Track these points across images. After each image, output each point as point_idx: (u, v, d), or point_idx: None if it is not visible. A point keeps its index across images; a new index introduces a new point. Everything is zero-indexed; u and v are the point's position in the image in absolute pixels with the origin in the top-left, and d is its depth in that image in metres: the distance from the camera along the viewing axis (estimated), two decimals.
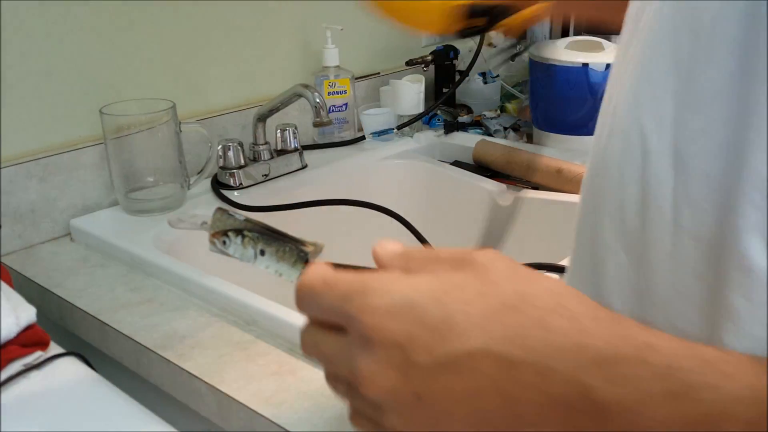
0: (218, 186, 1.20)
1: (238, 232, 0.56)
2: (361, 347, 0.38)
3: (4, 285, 0.75)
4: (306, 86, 1.11)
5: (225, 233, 0.58)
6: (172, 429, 0.66)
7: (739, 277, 0.37)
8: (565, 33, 2.01)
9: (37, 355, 0.71)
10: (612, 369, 0.33)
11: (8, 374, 0.67)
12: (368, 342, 0.38)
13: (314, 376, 0.76)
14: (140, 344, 0.83)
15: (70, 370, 0.71)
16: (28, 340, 0.70)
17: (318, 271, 0.42)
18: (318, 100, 1.08)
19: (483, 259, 0.39)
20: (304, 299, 0.42)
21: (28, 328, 0.71)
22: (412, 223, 1.07)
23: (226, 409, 0.75)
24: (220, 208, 0.59)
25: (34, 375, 0.69)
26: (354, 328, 0.38)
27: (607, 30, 1.62)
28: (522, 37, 1.89)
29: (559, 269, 0.91)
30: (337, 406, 0.71)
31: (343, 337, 0.39)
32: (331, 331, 0.41)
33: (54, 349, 0.75)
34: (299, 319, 0.81)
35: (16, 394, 0.67)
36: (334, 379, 0.42)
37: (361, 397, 0.39)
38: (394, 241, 0.43)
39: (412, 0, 0.61)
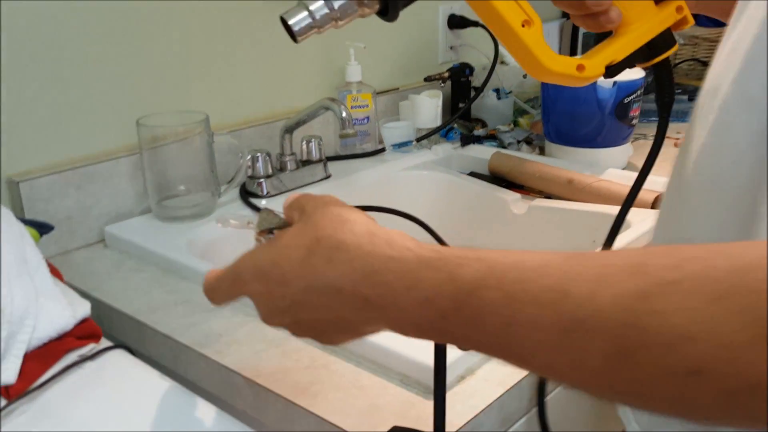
0: (246, 194, 1.25)
1: (282, 228, 0.61)
2: (255, 303, 0.58)
3: (59, 281, 0.80)
4: (333, 100, 1.16)
5: (270, 231, 0.63)
6: (224, 414, 0.71)
7: None
8: (573, 51, 2.06)
9: (90, 347, 0.76)
10: (371, 278, 0.49)
11: (66, 364, 0.72)
12: (255, 301, 0.58)
13: (346, 369, 0.81)
14: (179, 342, 0.88)
15: (120, 361, 0.76)
16: (83, 332, 0.74)
17: (214, 272, 0.62)
18: (344, 114, 1.14)
19: (310, 212, 0.56)
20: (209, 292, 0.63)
21: (83, 321, 0.75)
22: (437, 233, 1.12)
23: (263, 400, 0.79)
24: (265, 208, 0.64)
25: (89, 365, 0.74)
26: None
27: None
28: None
29: None
30: (369, 395, 0.76)
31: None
32: None
33: (103, 342, 0.80)
34: None
35: (72, 382, 0.72)
36: None
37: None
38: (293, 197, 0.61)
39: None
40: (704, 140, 0.57)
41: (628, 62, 0.69)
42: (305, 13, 0.61)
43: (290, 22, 0.61)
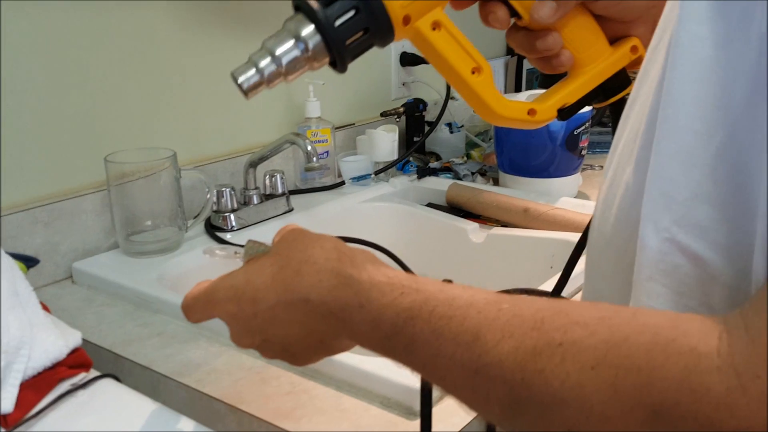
0: (212, 228, 1.27)
1: None
2: (228, 324, 0.61)
3: (48, 313, 0.81)
4: (297, 134, 1.20)
5: (258, 258, 0.66)
6: None
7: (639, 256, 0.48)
8: (518, 88, 2.14)
9: (82, 376, 0.77)
10: (334, 292, 0.53)
11: (59, 392, 0.73)
12: (227, 322, 0.61)
13: (327, 393, 0.83)
14: (158, 373, 0.89)
15: (111, 389, 0.78)
16: (74, 361, 0.76)
17: (193, 291, 0.64)
18: (309, 148, 1.17)
19: (286, 237, 0.60)
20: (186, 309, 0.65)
21: (75, 350, 0.77)
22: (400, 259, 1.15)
23: (247, 426, 0.81)
24: (250, 240, 0.67)
25: (81, 393, 0.75)
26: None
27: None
28: None
29: (524, 291, 1.00)
30: (352, 417, 0.79)
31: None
32: None
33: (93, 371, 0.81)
34: None
35: (66, 410, 0.74)
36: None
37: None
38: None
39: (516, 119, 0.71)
40: (603, 194, 0.58)
41: (582, 104, 0.72)
42: (253, 70, 0.64)
43: (239, 81, 0.64)
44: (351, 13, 0.61)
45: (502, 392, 0.43)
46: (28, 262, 0.90)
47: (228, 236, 1.25)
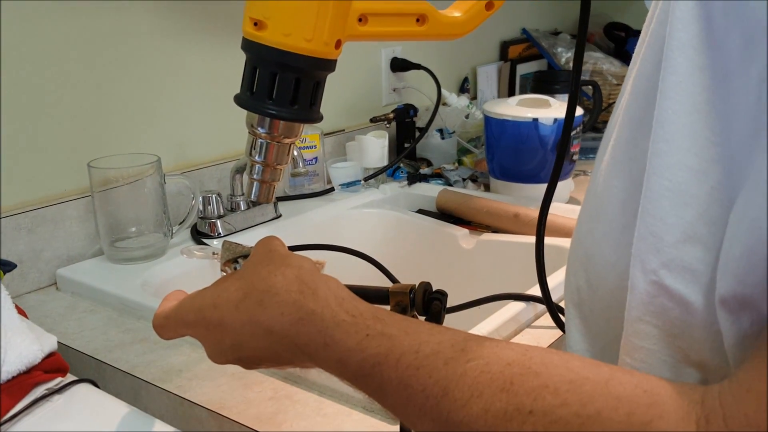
0: (198, 235, 1.26)
1: (247, 256, 0.63)
2: (201, 343, 0.61)
3: (24, 318, 0.80)
4: None
5: (235, 260, 0.65)
6: None
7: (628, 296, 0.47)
8: (511, 92, 2.13)
9: (57, 381, 0.76)
10: (296, 326, 0.53)
11: (34, 397, 0.72)
12: (201, 341, 0.61)
13: (309, 398, 0.82)
14: (140, 379, 0.88)
15: (87, 394, 0.77)
16: (50, 366, 0.75)
17: (164, 308, 0.64)
18: (295, 153, 1.16)
19: (254, 255, 0.60)
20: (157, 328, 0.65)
21: (50, 355, 0.76)
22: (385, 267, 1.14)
23: None
24: (226, 241, 0.66)
25: (56, 398, 0.74)
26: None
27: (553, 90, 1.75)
28: (473, 97, 2.01)
29: (516, 297, 1.02)
30: (334, 423, 0.78)
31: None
32: None
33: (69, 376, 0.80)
34: None
35: (41, 415, 0.73)
36: None
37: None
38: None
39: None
40: (590, 204, 0.56)
41: None
42: (255, 184, 0.66)
43: (254, 200, 0.67)
44: (278, 80, 0.61)
45: None
46: (5, 267, 0.89)
47: (215, 243, 1.24)
